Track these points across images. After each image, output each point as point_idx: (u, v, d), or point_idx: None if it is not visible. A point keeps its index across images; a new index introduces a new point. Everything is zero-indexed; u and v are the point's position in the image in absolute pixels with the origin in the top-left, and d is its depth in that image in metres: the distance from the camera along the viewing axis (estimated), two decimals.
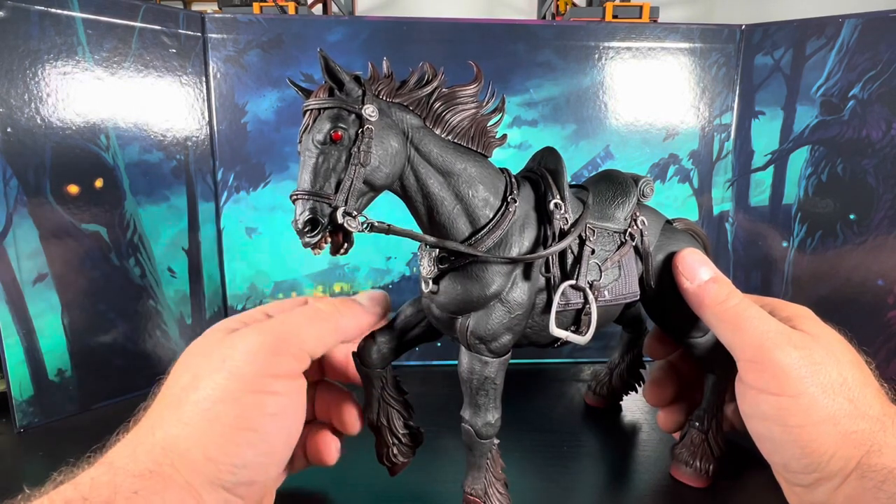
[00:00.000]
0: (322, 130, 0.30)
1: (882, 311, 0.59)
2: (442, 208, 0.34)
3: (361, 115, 0.31)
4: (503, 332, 0.35)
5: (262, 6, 2.86)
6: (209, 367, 0.31)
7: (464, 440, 0.37)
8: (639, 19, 2.59)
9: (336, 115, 0.30)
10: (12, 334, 0.51)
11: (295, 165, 0.63)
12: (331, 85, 0.31)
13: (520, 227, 0.35)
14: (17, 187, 0.50)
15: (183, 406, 0.30)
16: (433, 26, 0.62)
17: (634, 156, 0.65)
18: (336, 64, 0.31)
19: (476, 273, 0.35)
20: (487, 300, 0.35)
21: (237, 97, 0.62)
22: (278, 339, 0.32)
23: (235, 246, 0.65)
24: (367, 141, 0.31)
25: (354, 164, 0.30)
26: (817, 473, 0.32)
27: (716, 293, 0.38)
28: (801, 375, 0.33)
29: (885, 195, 0.58)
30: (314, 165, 0.30)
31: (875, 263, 0.59)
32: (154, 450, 0.28)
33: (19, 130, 0.50)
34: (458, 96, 0.34)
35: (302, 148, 0.31)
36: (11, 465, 0.48)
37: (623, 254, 0.39)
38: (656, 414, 0.49)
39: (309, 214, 0.30)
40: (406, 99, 0.33)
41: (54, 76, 0.51)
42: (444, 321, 0.37)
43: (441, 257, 0.35)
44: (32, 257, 0.51)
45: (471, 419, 0.37)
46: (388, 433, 0.40)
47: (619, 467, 0.48)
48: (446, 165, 0.34)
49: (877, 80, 0.57)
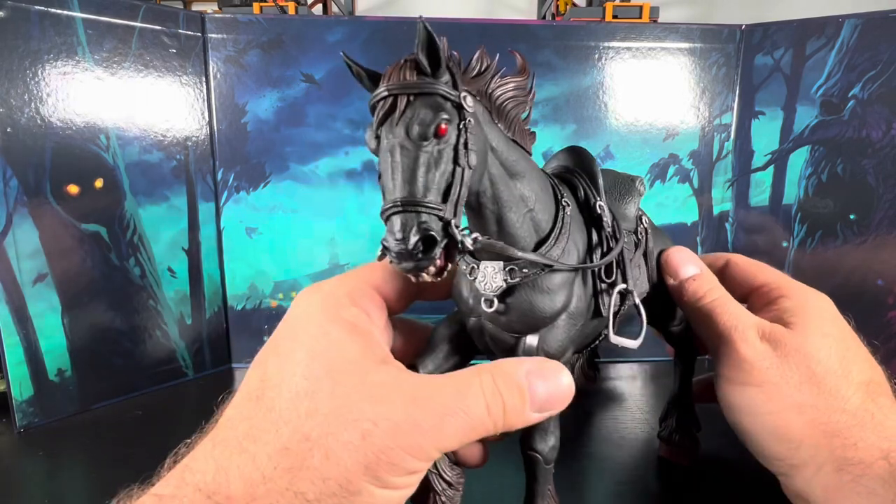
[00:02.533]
0: (423, 122, 0.24)
1: (882, 311, 0.59)
2: (512, 215, 0.30)
3: (462, 104, 0.25)
4: (570, 346, 0.33)
5: (262, 6, 2.86)
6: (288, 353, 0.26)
7: (527, 469, 0.34)
8: (639, 19, 2.59)
9: (437, 104, 0.24)
10: (12, 334, 0.51)
11: (295, 165, 0.63)
12: (420, 63, 0.25)
13: (572, 232, 0.33)
14: (17, 187, 0.50)
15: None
16: (433, 26, 0.61)
17: (634, 156, 0.65)
18: (436, 36, 0.24)
19: (546, 286, 0.31)
20: (558, 314, 0.31)
21: (237, 97, 0.62)
22: (382, 457, 0.24)
23: (235, 246, 0.65)
24: (470, 137, 0.25)
25: (461, 167, 0.25)
26: (787, 461, 0.33)
27: (694, 290, 0.39)
28: (765, 366, 0.34)
29: (885, 195, 0.58)
30: (415, 167, 0.24)
31: (875, 263, 0.59)
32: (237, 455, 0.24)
33: (19, 130, 0.50)
34: (515, 87, 0.29)
35: (386, 144, 0.25)
36: (11, 465, 0.48)
37: (641, 253, 0.39)
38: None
39: (422, 230, 0.23)
40: (473, 87, 0.27)
41: (54, 76, 0.51)
42: (506, 343, 0.32)
43: (510, 270, 0.30)
44: (32, 257, 0.51)
45: (538, 445, 0.33)
46: (436, 478, 0.34)
47: (618, 466, 0.48)
48: (514, 166, 0.29)
49: (877, 80, 0.57)
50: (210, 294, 0.65)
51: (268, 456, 0.23)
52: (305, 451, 0.23)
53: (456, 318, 0.34)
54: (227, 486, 0.23)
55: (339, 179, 0.64)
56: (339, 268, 0.65)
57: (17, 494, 0.44)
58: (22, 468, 0.47)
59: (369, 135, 0.26)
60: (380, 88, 0.25)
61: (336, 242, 0.65)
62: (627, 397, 0.59)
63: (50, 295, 0.53)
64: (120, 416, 0.55)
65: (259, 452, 0.23)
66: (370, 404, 0.24)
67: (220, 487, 0.23)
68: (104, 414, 0.55)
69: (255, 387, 0.26)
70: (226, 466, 0.23)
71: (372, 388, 0.25)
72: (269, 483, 0.23)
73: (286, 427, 0.24)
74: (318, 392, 0.24)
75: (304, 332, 0.27)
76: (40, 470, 0.47)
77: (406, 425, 0.24)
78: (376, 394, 0.25)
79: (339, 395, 0.24)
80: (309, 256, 0.65)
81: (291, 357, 0.26)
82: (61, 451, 0.49)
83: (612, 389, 0.61)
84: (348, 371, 0.25)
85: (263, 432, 0.24)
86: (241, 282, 0.66)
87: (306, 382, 0.25)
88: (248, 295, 0.66)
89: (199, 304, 0.64)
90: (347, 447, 0.23)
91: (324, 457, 0.23)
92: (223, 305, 0.66)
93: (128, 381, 0.59)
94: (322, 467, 0.23)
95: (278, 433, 0.24)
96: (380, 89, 0.25)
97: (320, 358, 0.25)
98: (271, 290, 0.66)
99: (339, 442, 0.23)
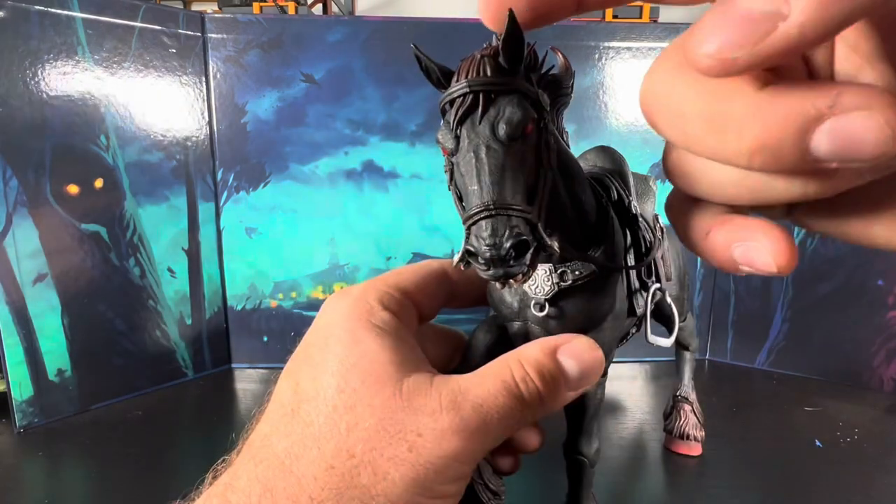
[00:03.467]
0: (510, 121, 0.22)
1: (882, 311, 0.59)
2: (571, 217, 0.29)
3: (541, 102, 0.24)
4: (614, 347, 0.32)
5: (262, 6, 2.86)
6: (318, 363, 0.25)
7: (573, 474, 0.34)
8: (639, 19, 2.58)
9: (520, 102, 0.23)
10: (12, 334, 0.51)
11: (295, 165, 0.63)
12: (496, 57, 0.23)
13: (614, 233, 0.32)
14: (17, 187, 0.50)
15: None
16: (433, 26, 0.62)
17: (635, 156, 0.65)
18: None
19: (602, 287, 0.30)
20: (607, 315, 0.31)
21: (237, 97, 0.62)
22: (430, 468, 0.24)
23: (235, 246, 0.65)
24: (549, 137, 0.24)
25: (545, 168, 0.24)
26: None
27: None
28: None
29: None
30: (503, 168, 0.23)
31: (875, 263, 0.59)
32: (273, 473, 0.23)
33: (19, 130, 0.50)
34: (565, 84, 0.27)
35: (469, 144, 0.23)
36: (11, 465, 0.48)
37: (661, 253, 0.38)
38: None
39: (514, 235, 0.22)
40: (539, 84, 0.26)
41: (54, 76, 0.51)
42: None
43: (562, 273, 0.29)
44: (32, 257, 0.51)
45: (584, 449, 0.33)
46: (482, 490, 0.33)
47: (618, 467, 0.48)
48: (568, 166, 0.28)
49: None
50: (210, 294, 0.65)
51: (314, 477, 0.23)
52: (351, 468, 0.23)
53: (494, 324, 0.33)
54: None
55: (339, 179, 0.64)
56: (338, 268, 0.65)
57: (17, 494, 0.44)
58: (22, 468, 0.47)
59: (445, 134, 0.24)
60: (458, 84, 0.23)
61: (336, 242, 0.65)
62: (627, 397, 0.59)
63: (50, 295, 0.53)
64: (120, 416, 0.55)
65: (304, 473, 0.23)
66: (412, 415, 0.24)
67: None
68: (104, 414, 0.55)
69: (289, 399, 0.25)
70: (272, 488, 0.23)
71: (411, 396, 0.24)
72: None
73: (328, 444, 0.23)
74: (357, 405, 0.24)
75: (335, 341, 0.26)
76: (40, 470, 0.47)
77: (450, 432, 0.24)
78: (417, 403, 0.24)
79: (378, 406, 0.24)
80: (309, 256, 0.65)
81: (324, 367, 0.25)
82: (61, 451, 0.49)
83: (612, 389, 0.61)
84: (384, 381, 0.24)
85: (306, 450, 0.23)
86: (241, 282, 0.66)
87: (343, 395, 0.24)
88: (248, 295, 0.66)
89: (199, 304, 0.64)
90: (394, 461, 0.23)
91: (371, 474, 0.23)
92: (223, 305, 0.66)
93: (128, 381, 0.59)
94: (370, 485, 0.23)
95: (321, 451, 0.23)
96: (458, 85, 0.23)
97: (354, 368, 0.25)
98: (271, 290, 0.66)
99: (385, 457, 0.23)
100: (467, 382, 0.26)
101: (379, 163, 0.63)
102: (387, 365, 0.25)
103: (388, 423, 0.24)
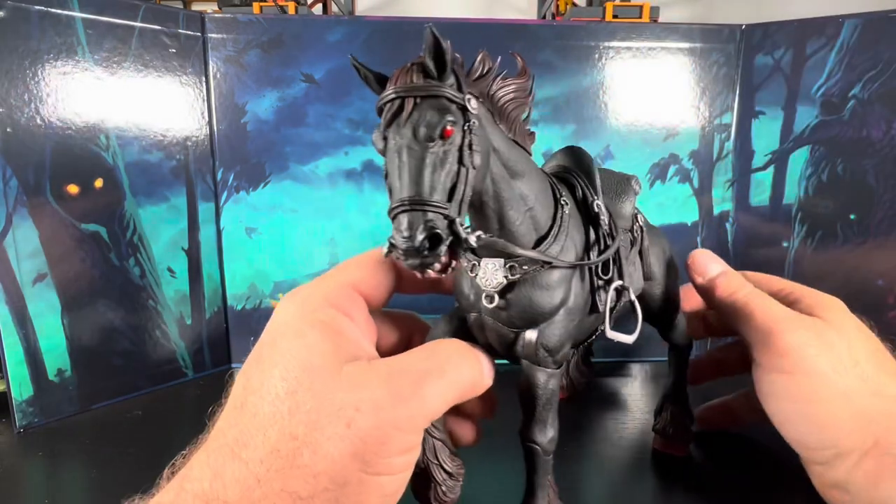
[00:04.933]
0: (430, 124, 0.25)
1: (882, 311, 0.59)
2: (513, 213, 0.31)
3: (466, 106, 0.26)
4: (567, 341, 0.34)
5: (262, 6, 2.86)
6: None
7: (527, 461, 0.35)
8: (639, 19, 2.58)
9: (443, 106, 0.25)
10: (12, 334, 0.51)
11: (295, 165, 0.63)
12: (426, 67, 0.26)
13: (570, 230, 0.34)
14: (17, 187, 0.50)
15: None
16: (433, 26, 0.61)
17: (634, 156, 0.65)
18: (445, 41, 0.25)
19: (545, 282, 0.32)
20: (557, 309, 0.33)
21: (237, 97, 0.62)
22: (370, 440, 0.24)
23: (235, 246, 0.65)
24: (473, 138, 0.26)
25: (466, 167, 0.26)
26: (833, 449, 0.33)
27: (726, 285, 0.40)
28: (811, 354, 0.34)
29: (885, 195, 0.58)
30: (421, 167, 0.25)
31: (875, 263, 0.59)
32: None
33: (19, 130, 0.50)
34: (515, 89, 0.30)
35: (393, 145, 0.26)
36: (11, 465, 0.48)
37: (637, 251, 0.40)
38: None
39: (428, 228, 0.24)
40: (476, 89, 0.28)
41: (54, 76, 0.51)
42: (507, 338, 0.33)
43: (510, 267, 0.31)
44: (32, 257, 0.51)
45: (536, 437, 0.34)
46: (437, 469, 0.35)
47: (619, 466, 0.48)
48: (515, 166, 0.30)
49: (877, 80, 0.57)
50: (210, 294, 0.65)
51: (259, 460, 0.24)
52: (294, 450, 0.24)
53: (455, 315, 0.35)
54: (224, 491, 0.23)
55: (339, 179, 0.64)
56: None
57: (17, 494, 0.44)
58: (22, 468, 0.47)
59: (377, 136, 0.26)
60: (387, 91, 0.26)
61: (336, 242, 0.65)
62: (627, 397, 0.59)
63: (50, 295, 0.53)
64: (120, 416, 0.55)
65: (251, 457, 0.24)
66: (349, 392, 0.25)
67: (218, 494, 0.23)
68: (104, 414, 0.55)
69: (239, 395, 0.26)
70: (221, 473, 0.24)
71: (349, 378, 0.26)
72: (264, 486, 0.23)
73: (272, 429, 0.24)
74: (298, 390, 0.25)
75: (281, 338, 0.27)
76: (40, 470, 0.47)
77: (387, 400, 0.25)
78: (354, 381, 0.25)
79: (318, 390, 0.25)
80: (309, 256, 0.65)
81: (271, 362, 0.26)
82: (61, 451, 0.49)
83: (612, 389, 0.61)
84: (324, 367, 0.26)
85: (252, 437, 0.24)
86: (241, 282, 0.66)
87: (285, 383, 0.25)
88: (247, 295, 0.66)
89: (199, 304, 0.64)
90: (333, 439, 0.24)
91: (312, 453, 0.24)
92: (223, 305, 0.66)
93: (127, 381, 0.59)
94: (312, 464, 0.23)
95: (266, 436, 0.24)
96: (387, 91, 0.26)
97: (296, 359, 0.26)
98: (271, 290, 0.66)
99: (325, 436, 0.24)
100: (405, 356, 0.28)
101: (379, 163, 0.63)
102: (327, 354, 0.26)
103: (328, 403, 0.25)
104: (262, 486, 0.23)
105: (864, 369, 0.34)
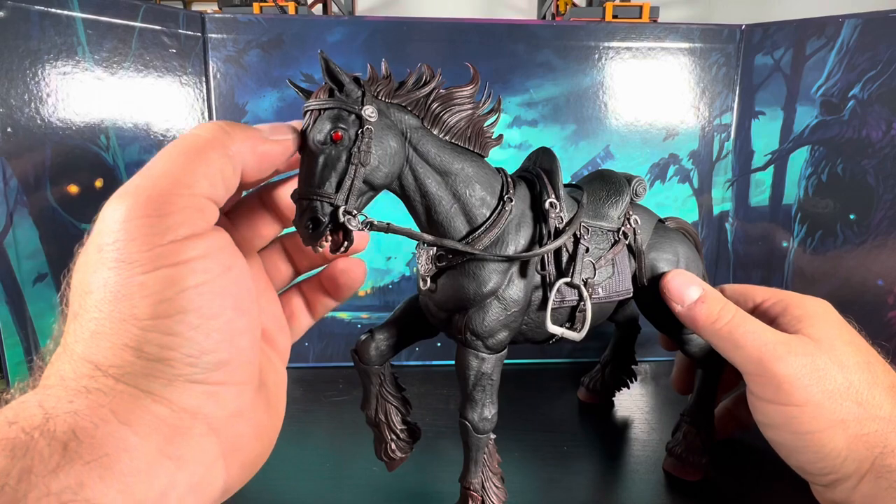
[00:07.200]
0: (322, 131, 0.30)
1: (882, 311, 0.59)
2: (440, 207, 0.35)
3: (361, 115, 0.31)
4: (500, 329, 0.36)
5: (262, 6, 2.86)
6: (90, 265, 0.25)
7: (461, 436, 0.38)
8: (639, 19, 2.59)
9: (336, 116, 0.30)
10: (12, 334, 0.51)
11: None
12: (331, 86, 0.31)
13: (516, 225, 0.36)
14: (17, 187, 0.50)
15: (89, 315, 0.24)
16: (433, 26, 0.62)
17: (634, 156, 0.65)
18: (336, 65, 0.31)
19: (473, 271, 0.35)
20: (484, 297, 0.36)
21: (237, 97, 0.62)
22: (153, 196, 0.24)
23: None
24: (367, 141, 0.31)
25: (354, 164, 0.30)
26: (833, 475, 0.33)
27: (706, 313, 0.38)
28: (805, 384, 0.34)
29: (885, 195, 0.58)
30: (314, 165, 0.30)
31: (875, 263, 0.59)
32: (82, 366, 0.23)
33: (19, 130, 0.50)
34: (455, 97, 0.34)
35: (304, 148, 0.31)
36: None
37: (616, 252, 0.40)
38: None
39: (311, 213, 0.29)
40: (404, 100, 0.33)
41: (54, 76, 0.51)
42: (442, 319, 0.38)
43: (439, 255, 0.36)
44: (32, 257, 0.51)
45: (468, 414, 0.37)
46: (386, 429, 0.40)
47: (618, 466, 0.48)
48: (444, 165, 0.34)
49: (877, 80, 0.57)
50: None
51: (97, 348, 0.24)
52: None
53: (415, 296, 0.41)
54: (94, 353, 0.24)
55: None
56: None
57: None
58: None
59: None
60: (306, 104, 0.32)
61: None
62: (627, 397, 0.59)
63: (50, 295, 0.53)
64: None
65: (85, 352, 0.24)
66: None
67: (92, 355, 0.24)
68: None
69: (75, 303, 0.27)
70: (63, 376, 0.23)
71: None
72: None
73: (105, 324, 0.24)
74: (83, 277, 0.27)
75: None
76: None
77: (146, 187, 0.24)
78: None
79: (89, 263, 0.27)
80: None
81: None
82: None
83: None
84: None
85: (85, 332, 0.25)
86: None
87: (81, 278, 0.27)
88: None
89: None
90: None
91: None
92: None
93: None
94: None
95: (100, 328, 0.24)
96: (305, 105, 0.32)
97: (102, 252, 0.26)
98: None
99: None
100: None
101: None
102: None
103: (89, 249, 0.27)
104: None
105: (857, 390, 0.33)
